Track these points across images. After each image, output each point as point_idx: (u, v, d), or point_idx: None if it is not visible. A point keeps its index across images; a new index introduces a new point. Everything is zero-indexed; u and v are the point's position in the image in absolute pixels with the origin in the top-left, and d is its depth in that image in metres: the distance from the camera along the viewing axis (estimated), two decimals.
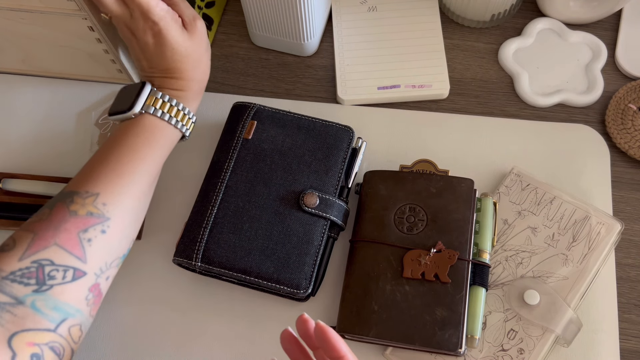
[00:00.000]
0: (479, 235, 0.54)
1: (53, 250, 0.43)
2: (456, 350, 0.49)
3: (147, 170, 0.50)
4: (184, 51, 0.53)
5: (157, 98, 0.52)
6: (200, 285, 0.57)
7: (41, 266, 0.43)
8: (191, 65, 0.54)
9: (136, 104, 0.51)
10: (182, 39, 0.53)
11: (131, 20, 0.51)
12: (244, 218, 0.55)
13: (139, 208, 0.50)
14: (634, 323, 0.55)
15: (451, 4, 0.67)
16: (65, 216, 0.45)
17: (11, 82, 0.68)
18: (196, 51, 0.54)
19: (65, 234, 0.44)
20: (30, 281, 0.42)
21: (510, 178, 0.59)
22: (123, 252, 0.49)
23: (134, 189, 0.49)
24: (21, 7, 0.56)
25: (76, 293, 0.44)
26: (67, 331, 0.43)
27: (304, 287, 0.53)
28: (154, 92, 0.52)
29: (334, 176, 0.57)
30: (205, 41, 0.56)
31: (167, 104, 0.52)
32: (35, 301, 0.42)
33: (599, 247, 0.55)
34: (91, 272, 0.45)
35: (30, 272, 0.42)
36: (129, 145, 0.50)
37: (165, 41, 0.51)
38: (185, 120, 0.54)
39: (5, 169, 0.63)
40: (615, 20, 0.68)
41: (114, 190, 0.47)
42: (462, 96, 0.65)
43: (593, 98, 0.64)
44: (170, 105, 0.52)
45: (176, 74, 0.53)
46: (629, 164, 0.61)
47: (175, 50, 0.52)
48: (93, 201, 0.46)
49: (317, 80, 0.67)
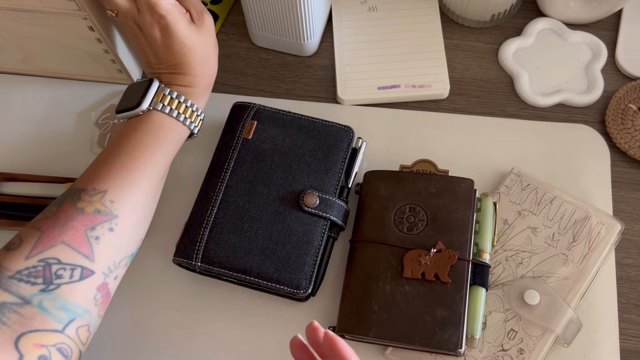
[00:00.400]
0: (479, 235, 0.54)
1: (60, 248, 0.43)
2: (456, 350, 0.49)
3: (156, 167, 0.50)
4: (192, 46, 0.52)
5: (165, 95, 0.52)
6: (200, 285, 0.57)
7: (48, 265, 0.42)
8: (199, 60, 0.53)
9: (144, 101, 0.51)
10: (190, 32, 0.52)
11: (138, 15, 0.51)
12: (244, 218, 0.55)
13: (147, 205, 0.50)
14: (634, 323, 0.55)
15: (451, 4, 0.67)
16: (73, 214, 0.44)
17: (11, 82, 0.68)
18: (204, 46, 0.54)
19: (73, 232, 0.44)
20: (37, 280, 0.41)
21: (510, 178, 0.59)
22: (132, 251, 0.48)
23: (142, 186, 0.49)
24: (21, 7, 0.56)
25: (84, 293, 0.43)
26: (75, 332, 0.42)
27: (304, 287, 0.53)
28: (161, 88, 0.52)
29: (334, 176, 0.57)
30: (213, 36, 0.55)
31: (175, 100, 0.52)
32: (43, 301, 0.41)
33: (599, 247, 0.55)
34: (99, 271, 0.45)
35: (37, 271, 0.42)
36: (138, 142, 0.50)
37: (173, 35, 0.51)
38: (194, 117, 0.54)
39: (5, 169, 0.63)
40: (615, 20, 0.68)
41: (122, 187, 0.47)
42: (462, 96, 0.65)
43: (593, 98, 0.64)
44: (179, 102, 0.52)
45: (184, 70, 0.53)
46: (629, 164, 0.61)
47: (183, 44, 0.52)
48: (101, 198, 0.46)
49: (317, 80, 0.67)
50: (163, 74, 0.53)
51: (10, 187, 0.61)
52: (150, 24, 0.51)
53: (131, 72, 0.64)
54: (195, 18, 0.53)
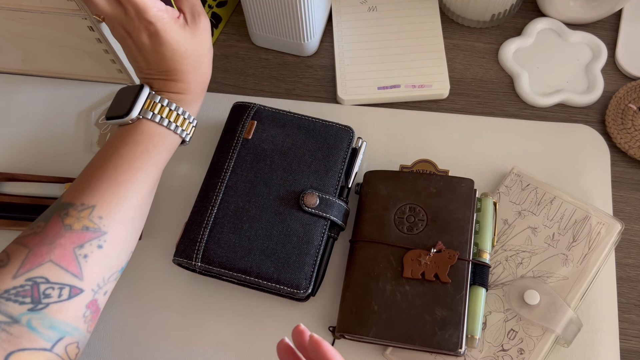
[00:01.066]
0: (479, 235, 0.54)
1: (48, 267, 0.42)
2: (456, 350, 0.49)
3: (146, 179, 0.49)
4: (184, 52, 0.50)
5: (156, 102, 0.50)
6: (200, 285, 0.57)
7: (36, 284, 0.41)
8: (192, 67, 0.51)
9: (133, 109, 0.49)
10: (183, 37, 0.50)
11: (126, 19, 0.48)
12: (244, 218, 0.55)
13: (137, 218, 0.49)
14: (634, 323, 0.55)
15: (451, 4, 0.67)
16: (60, 231, 0.43)
17: (11, 82, 0.68)
18: (197, 51, 0.51)
19: (60, 250, 0.43)
20: (25, 300, 0.41)
21: (510, 178, 0.59)
22: (121, 265, 0.47)
23: (132, 199, 0.47)
24: (21, 7, 0.56)
25: (73, 311, 0.43)
26: (63, 349, 0.42)
27: (304, 287, 0.53)
28: (152, 95, 0.50)
29: (334, 176, 0.57)
30: (207, 40, 0.53)
31: (166, 108, 0.50)
32: (31, 320, 0.40)
33: (599, 247, 0.55)
34: (88, 288, 0.44)
35: (25, 290, 0.41)
36: (127, 153, 0.48)
37: (163, 42, 0.49)
38: (186, 124, 0.52)
39: (5, 169, 0.63)
40: (615, 20, 0.68)
41: (111, 201, 0.46)
42: (462, 96, 0.65)
43: (593, 98, 0.64)
44: (170, 110, 0.50)
45: (176, 76, 0.51)
46: (629, 164, 0.61)
47: (175, 51, 0.49)
48: (89, 214, 0.45)
49: (317, 80, 0.67)
50: (154, 80, 0.51)
51: (10, 187, 0.61)
52: (139, 29, 0.48)
53: (131, 72, 0.64)
54: (189, 20, 0.51)
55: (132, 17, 0.47)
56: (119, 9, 0.48)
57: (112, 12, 0.48)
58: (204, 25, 0.52)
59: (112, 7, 0.48)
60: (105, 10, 0.48)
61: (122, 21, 0.48)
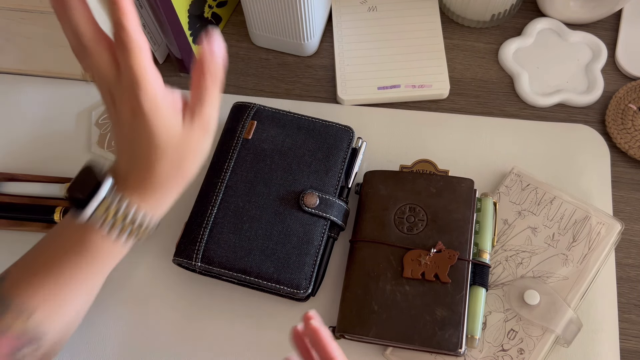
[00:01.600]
0: (479, 235, 0.54)
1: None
2: (456, 350, 0.49)
3: (90, 287, 0.46)
4: (165, 147, 0.41)
5: (113, 206, 0.42)
6: (200, 285, 0.57)
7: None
8: (168, 165, 0.42)
9: (88, 207, 0.42)
10: (170, 131, 0.41)
11: (116, 85, 0.40)
12: (244, 218, 0.55)
13: (79, 318, 0.47)
14: (634, 323, 0.55)
15: (451, 4, 0.67)
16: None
17: (11, 82, 0.68)
18: (183, 149, 0.42)
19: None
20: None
21: (510, 178, 0.59)
22: (57, 354, 0.47)
23: (73, 304, 0.45)
24: (21, 7, 0.56)
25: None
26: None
27: (304, 287, 0.53)
28: (112, 194, 0.42)
29: (334, 176, 0.57)
30: (197, 143, 0.43)
31: (123, 215, 0.42)
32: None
33: (599, 247, 0.55)
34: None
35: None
36: (72, 262, 0.44)
37: (146, 126, 0.40)
38: (141, 231, 0.44)
39: (5, 169, 0.63)
40: (615, 20, 0.68)
41: (52, 305, 0.44)
42: (462, 96, 0.65)
43: (593, 98, 0.64)
44: (126, 217, 0.42)
45: (148, 172, 0.42)
46: (629, 164, 0.61)
47: (152, 141, 0.41)
48: (28, 318, 0.43)
49: (317, 80, 0.67)
50: (123, 165, 0.43)
51: (10, 187, 0.61)
52: (125, 102, 0.40)
53: None
54: (187, 116, 0.42)
55: (125, 85, 0.40)
56: (114, 72, 0.40)
57: (105, 73, 0.40)
58: (200, 127, 0.43)
59: (108, 67, 0.40)
60: (99, 68, 0.40)
61: (112, 86, 0.41)
